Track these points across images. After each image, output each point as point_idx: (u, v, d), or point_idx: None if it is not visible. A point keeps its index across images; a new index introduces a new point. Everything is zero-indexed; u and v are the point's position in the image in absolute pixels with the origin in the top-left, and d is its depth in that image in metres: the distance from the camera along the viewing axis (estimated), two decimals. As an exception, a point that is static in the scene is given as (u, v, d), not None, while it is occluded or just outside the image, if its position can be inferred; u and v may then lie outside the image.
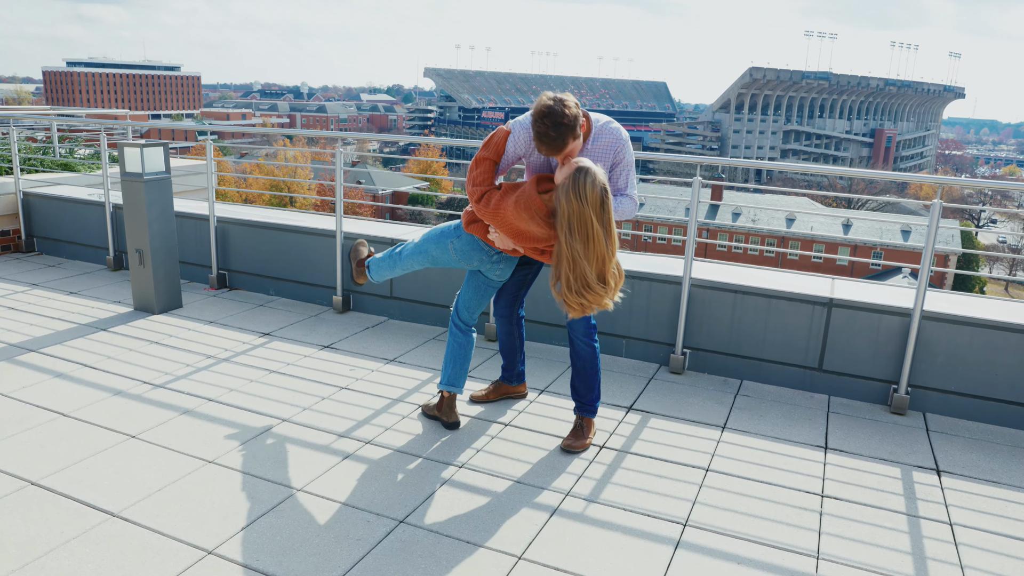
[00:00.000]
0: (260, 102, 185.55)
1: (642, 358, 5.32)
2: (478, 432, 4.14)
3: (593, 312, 3.52)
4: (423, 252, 4.11)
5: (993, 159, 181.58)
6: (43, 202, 7.90)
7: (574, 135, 3.41)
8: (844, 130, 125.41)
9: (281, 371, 4.92)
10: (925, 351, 4.59)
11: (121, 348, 5.25)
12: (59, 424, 4.07)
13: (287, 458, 3.77)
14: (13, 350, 5.14)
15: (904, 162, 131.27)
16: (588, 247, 3.33)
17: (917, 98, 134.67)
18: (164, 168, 5.86)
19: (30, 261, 7.70)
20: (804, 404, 4.69)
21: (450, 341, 4.20)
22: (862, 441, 4.19)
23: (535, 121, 3.40)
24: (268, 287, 6.66)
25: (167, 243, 6.02)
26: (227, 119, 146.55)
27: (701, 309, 5.11)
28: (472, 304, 4.17)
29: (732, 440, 4.15)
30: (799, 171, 5.47)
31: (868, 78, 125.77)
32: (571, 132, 3.39)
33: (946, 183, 4.70)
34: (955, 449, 4.14)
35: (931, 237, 4.46)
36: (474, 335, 4.24)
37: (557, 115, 3.35)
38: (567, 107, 3.38)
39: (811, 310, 4.85)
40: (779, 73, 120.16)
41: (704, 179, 5.02)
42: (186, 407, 4.33)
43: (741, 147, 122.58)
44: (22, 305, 6.16)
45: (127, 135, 8.54)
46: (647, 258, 5.60)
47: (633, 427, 4.27)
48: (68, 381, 4.65)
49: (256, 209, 7.21)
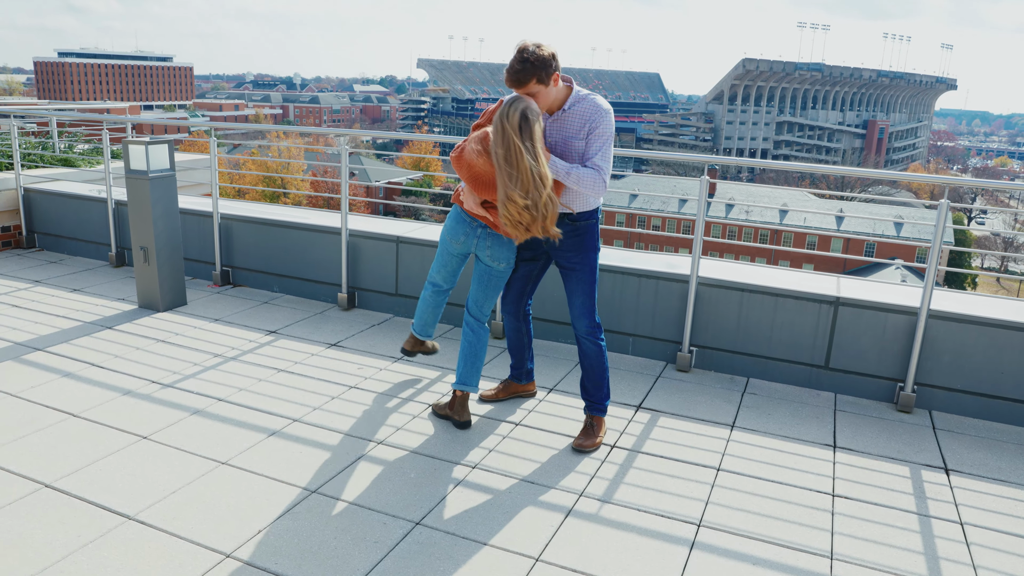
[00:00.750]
0: (253, 93, 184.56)
1: (649, 356, 5.34)
2: (489, 432, 4.15)
3: (538, 235, 3.60)
4: (435, 259, 4.29)
5: (985, 150, 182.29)
6: (44, 198, 7.87)
7: (538, 77, 3.55)
8: (837, 121, 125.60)
9: (289, 370, 4.92)
10: (931, 349, 4.62)
11: (128, 347, 5.24)
12: (70, 425, 4.07)
13: (300, 459, 3.78)
14: (20, 349, 5.12)
15: (896, 153, 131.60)
16: (512, 164, 3.48)
17: (909, 89, 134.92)
18: (169, 165, 5.84)
19: (31, 257, 7.67)
20: (811, 402, 4.72)
21: (462, 338, 4.25)
22: (870, 439, 4.22)
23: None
24: (272, 284, 6.65)
25: (172, 240, 6.01)
26: (220, 110, 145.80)
27: (708, 307, 5.13)
28: (479, 297, 4.19)
29: (742, 439, 4.18)
30: (806, 171, 5.49)
31: (861, 69, 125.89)
32: (535, 72, 3.53)
33: (952, 183, 4.73)
34: (962, 447, 4.18)
35: (938, 237, 4.48)
36: (487, 331, 4.25)
37: (526, 52, 3.54)
38: (539, 48, 3.55)
39: (818, 308, 4.87)
40: (772, 64, 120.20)
41: (699, 168, 5.04)
42: (196, 407, 4.33)
43: (735, 138, 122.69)
44: (26, 303, 6.14)
45: (128, 130, 8.49)
46: (654, 256, 5.62)
47: (643, 426, 4.29)
48: (77, 381, 4.64)
49: (260, 206, 7.19)
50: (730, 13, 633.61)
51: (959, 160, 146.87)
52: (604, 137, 3.69)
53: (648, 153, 5.55)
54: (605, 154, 3.69)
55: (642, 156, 5.50)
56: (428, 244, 5.87)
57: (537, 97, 3.62)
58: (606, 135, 3.69)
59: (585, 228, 3.91)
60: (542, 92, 3.61)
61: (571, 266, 3.97)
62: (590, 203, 3.88)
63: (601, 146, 3.69)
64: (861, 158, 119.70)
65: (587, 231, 3.92)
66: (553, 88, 3.64)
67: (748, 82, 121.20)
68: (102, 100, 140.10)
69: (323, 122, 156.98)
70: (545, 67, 3.54)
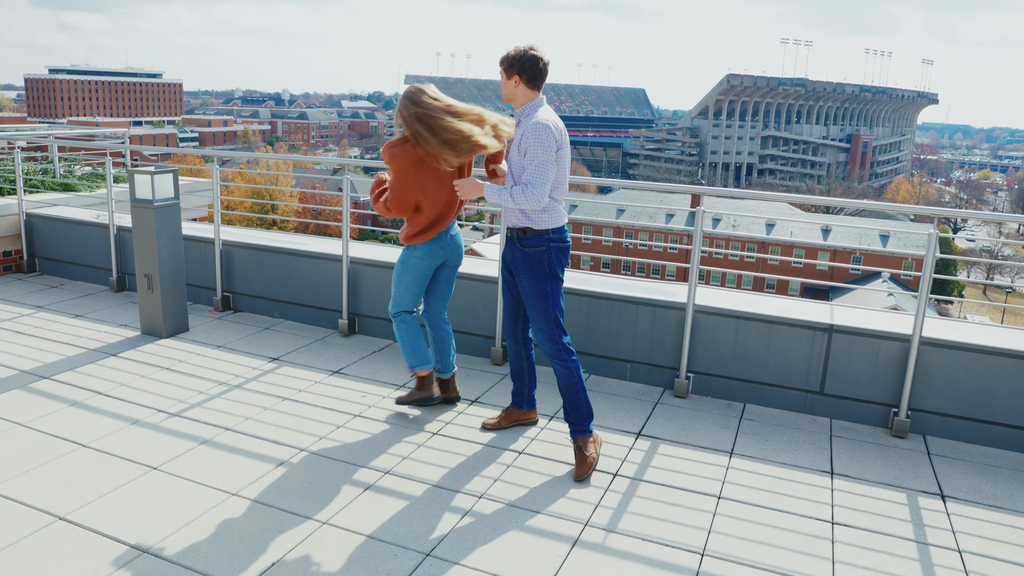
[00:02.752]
0: (242, 108, 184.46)
1: (647, 382, 5.43)
2: (493, 460, 4.23)
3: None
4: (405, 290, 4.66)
5: (968, 163, 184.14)
6: (45, 223, 7.92)
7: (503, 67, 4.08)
8: (821, 136, 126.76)
9: (293, 398, 4.99)
10: (924, 375, 4.74)
11: (133, 374, 5.29)
12: (80, 455, 4.12)
13: (309, 490, 3.84)
14: (26, 377, 5.17)
15: (881, 167, 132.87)
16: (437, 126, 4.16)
17: (892, 104, 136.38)
18: (173, 194, 5.92)
19: (32, 282, 7.70)
20: (807, 428, 4.83)
21: (431, 332, 4.81)
22: (866, 465, 4.33)
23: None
24: (272, 309, 6.72)
25: (175, 268, 6.08)
26: (208, 126, 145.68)
27: (704, 334, 5.24)
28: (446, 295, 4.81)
29: (740, 466, 4.27)
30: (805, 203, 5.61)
31: (843, 84, 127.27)
32: (501, 62, 4.09)
33: (942, 213, 4.87)
34: (957, 473, 4.28)
35: (928, 265, 4.61)
36: (414, 316, 4.71)
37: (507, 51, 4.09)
38: (517, 48, 4.06)
39: (812, 335, 4.98)
40: (756, 80, 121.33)
41: (685, 183, 5.16)
42: (204, 437, 4.39)
43: (720, 152, 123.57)
44: (29, 329, 6.18)
45: (127, 156, 8.55)
46: (651, 284, 5.72)
47: (644, 453, 4.38)
48: (84, 410, 4.69)
49: (261, 232, 7.27)
50: (713, 29, 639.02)
51: (942, 173, 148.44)
52: (536, 160, 3.94)
53: (637, 184, 5.68)
54: (534, 173, 3.95)
55: (631, 187, 5.65)
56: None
57: (502, 85, 4.13)
58: (537, 158, 3.94)
59: (533, 254, 4.12)
60: (503, 82, 4.11)
61: (524, 291, 4.21)
62: (533, 222, 4.09)
63: (533, 169, 3.95)
64: (846, 172, 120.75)
65: (535, 257, 4.12)
66: (510, 84, 4.06)
67: (733, 97, 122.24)
68: (92, 116, 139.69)
69: (311, 138, 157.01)
70: (504, 61, 4.07)
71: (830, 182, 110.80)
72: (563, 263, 4.19)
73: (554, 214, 4.10)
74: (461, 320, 5.86)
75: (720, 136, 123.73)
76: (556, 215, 4.11)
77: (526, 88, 4.05)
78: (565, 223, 4.19)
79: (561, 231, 4.15)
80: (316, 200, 51.70)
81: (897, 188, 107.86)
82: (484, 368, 5.65)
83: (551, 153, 3.94)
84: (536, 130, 3.94)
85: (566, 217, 4.20)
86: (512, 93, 4.09)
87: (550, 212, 4.09)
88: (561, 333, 4.18)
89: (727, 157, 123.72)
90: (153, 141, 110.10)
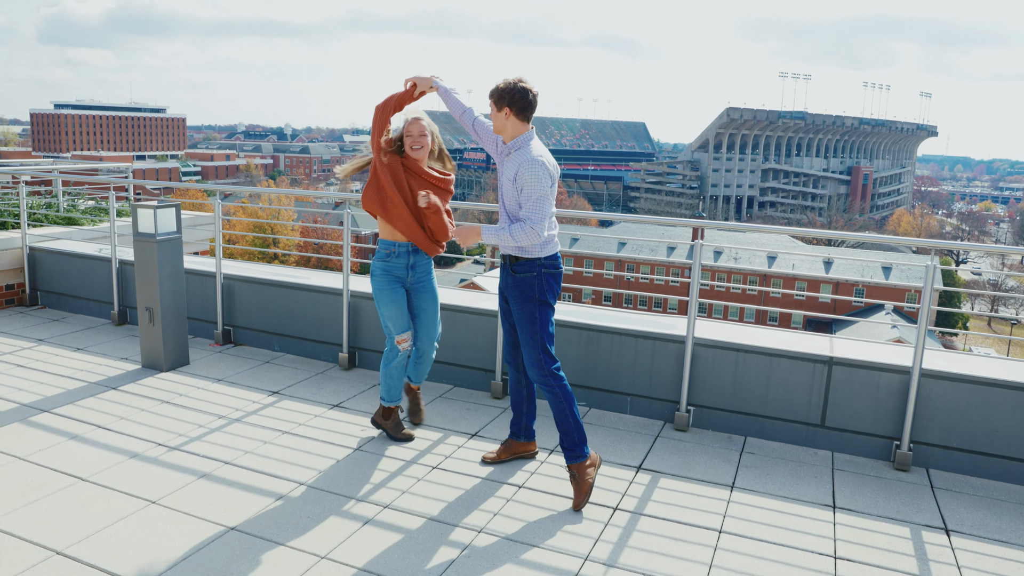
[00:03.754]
0: (244, 143, 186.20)
1: (646, 415, 5.42)
2: (492, 495, 4.21)
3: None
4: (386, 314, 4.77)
5: (968, 195, 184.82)
6: (48, 256, 7.96)
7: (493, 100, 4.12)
8: (821, 168, 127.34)
9: (293, 432, 4.98)
10: (925, 408, 4.73)
11: (133, 408, 5.29)
12: (79, 489, 4.11)
13: (308, 524, 3.82)
14: (26, 410, 5.17)
15: (882, 199, 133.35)
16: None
17: (891, 136, 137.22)
18: (176, 228, 5.96)
19: (34, 315, 7.73)
20: (808, 461, 4.81)
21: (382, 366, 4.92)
22: (869, 499, 4.30)
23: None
24: (273, 343, 6.73)
25: (177, 301, 6.10)
26: (211, 159, 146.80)
27: (704, 367, 5.24)
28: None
29: (742, 500, 4.25)
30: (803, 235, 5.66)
31: (843, 117, 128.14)
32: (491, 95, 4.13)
33: (940, 246, 4.91)
34: (961, 507, 4.25)
35: (927, 297, 4.62)
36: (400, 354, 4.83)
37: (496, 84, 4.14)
38: (506, 80, 4.10)
39: (812, 368, 4.98)
40: (756, 113, 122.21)
41: (686, 216, 5.19)
42: (203, 471, 4.38)
43: (720, 185, 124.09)
44: (30, 362, 6.19)
45: (130, 190, 8.62)
46: (650, 317, 5.73)
47: (644, 487, 4.36)
48: (83, 443, 4.69)
49: (262, 266, 7.30)
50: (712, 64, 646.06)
51: (944, 205, 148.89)
52: (533, 197, 4.01)
53: (638, 217, 5.73)
54: (532, 209, 4.01)
55: (631, 220, 5.69)
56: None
57: (492, 118, 4.19)
58: (534, 195, 4.01)
59: (524, 280, 4.19)
60: (493, 114, 4.16)
61: (515, 316, 4.28)
62: (524, 250, 4.15)
63: (531, 206, 4.01)
64: (847, 204, 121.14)
65: (526, 283, 4.19)
66: (500, 116, 4.11)
67: (733, 130, 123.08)
68: (96, 150, 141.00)
69: (313, 172, 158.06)
70: (494, 94, 4.11)
71: (831, 214, 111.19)
72: (554, 290, 4.25)
73: (548, 243, 4.18)
74: (460, 353, 5.87)
75: (720, 169, 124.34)
76: (549, 244, 4.19)
77: (516, 120, 4.11)
78: (557, 251, 4.26)
79: (553, 258, 4.23)
80: (317, 234, 51.94)
81: (899, 220, 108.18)
82: (484, 402, 5.64)
83: (547, 189, 4.02)
84: (532, 167, 4.01)
85: (558, 246, 4.27)
86: (502, 125, 4.15)
87: (544, 241, 4.15)
88: (549, 360, 4.22)
89: (728, 190, 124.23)
90: (156, 175, 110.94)
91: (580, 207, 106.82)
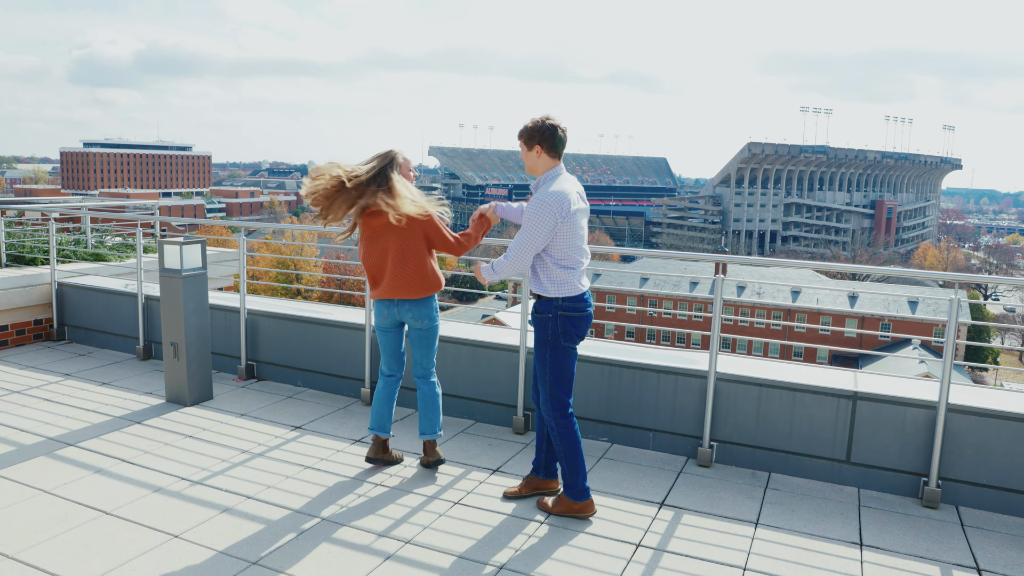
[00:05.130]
0: (268, 180, 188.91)
1: (669, 451, 5.38)
2: (515, 530, 4.18)
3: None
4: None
5: (995, 228, 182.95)
6: (76, 292, 8.10)
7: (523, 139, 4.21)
8: (844, 202, 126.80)
9: (315, 467, 4.99)
10: (953, 443, 4.65)
11: (157, 442, 5.33)
12: (103, 523, 4.13)
13: (330, 560, 3.82)
14: (52, 444, 5.22)
15: (906, 232, 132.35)
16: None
17: (915, 170, 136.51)
18: (201, 264, 6.05)
19: (61, 350, 7.84)
20: (835, 497, 4.73)
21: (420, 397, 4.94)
22: (897, 537, 4.22)
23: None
24: (296, 378, 6.77)
25: (201, 336, 6.17)
26: (236, 196, 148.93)
27: (727, 402, 5.20)
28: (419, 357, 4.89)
29: (766, 537, 4.19)
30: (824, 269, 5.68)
31: (865, 151, 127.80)
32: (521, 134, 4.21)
33: (962, 279, 4.87)
34: (993, 546, 4.16)
35: (951, 331, 4.57)
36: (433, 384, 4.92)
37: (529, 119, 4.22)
38: (534, 119, 4.18)
39: (836, 403, 4.93)
40: (777, 147, 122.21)
41: (708, 251, 5.19)
42: (226, 505, 4.39)
43: (743, 220, 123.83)
44: (56, 396, 6.27)
45: (156, 227, 8.77)
46: (672, 352, 5.72)
47: (667, 524, 4.31)
48: (108, 477, 4.72)
49: (285, 302, 7.38)
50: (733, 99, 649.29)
51: (970, 238, 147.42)
52: (522, 232, 4.16)
53: (659, 252, 5.75)
54: (514, 244, 4.18)
55: (653, 255, 5.71)
56: (451, 341, 5.99)
57: (523, 158, 4.24)
58: (524, 231, 4.15)
59: (540, 320, 4.26)
60: (524, 154, 4.23)
61: (534, 353, 4.35)
62: (544, 289, 4.21)
63: (515, 241, 4.18)
64: (871, 238, 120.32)
65: (541, 323, 4.26)
66: (532, 155, 4.20)
67: (754, 165, 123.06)
68: (124, 188, 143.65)
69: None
70: (523, 133, 4.19)
71: (855, 248, 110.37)
72: (572, 333, 4.25)
73: (565, 284, 4.19)
74: (482, 388, 5.88)
75: (743, 204, 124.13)
76: (568, 285, 4.19)
77: (547, 157, 4.18)
78: (581, 292, 4.24)
79: (574, 300, 4.22)
80: (340, 270, 52.41)
81: (924, 254, 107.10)
82: (505, 437, 5.63)
83: (542, 227, 4.08)
84: (535, 206, 4.10)
85: (584, 287, 4.26)
86: (534, 164, 4.21)
87: (560, 282, 4.18)
88: (557, 403, 4.29)
89: (750, 224, 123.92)
90: (182, 212, 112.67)
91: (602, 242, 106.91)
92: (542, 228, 4.08)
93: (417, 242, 4.58)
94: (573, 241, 4.17)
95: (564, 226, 4.11)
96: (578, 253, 4.22)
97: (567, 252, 4.17)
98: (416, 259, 4.60)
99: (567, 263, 4.18)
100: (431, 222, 4.59)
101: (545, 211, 4.06)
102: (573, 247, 4.18)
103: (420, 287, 4.64)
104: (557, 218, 4.07)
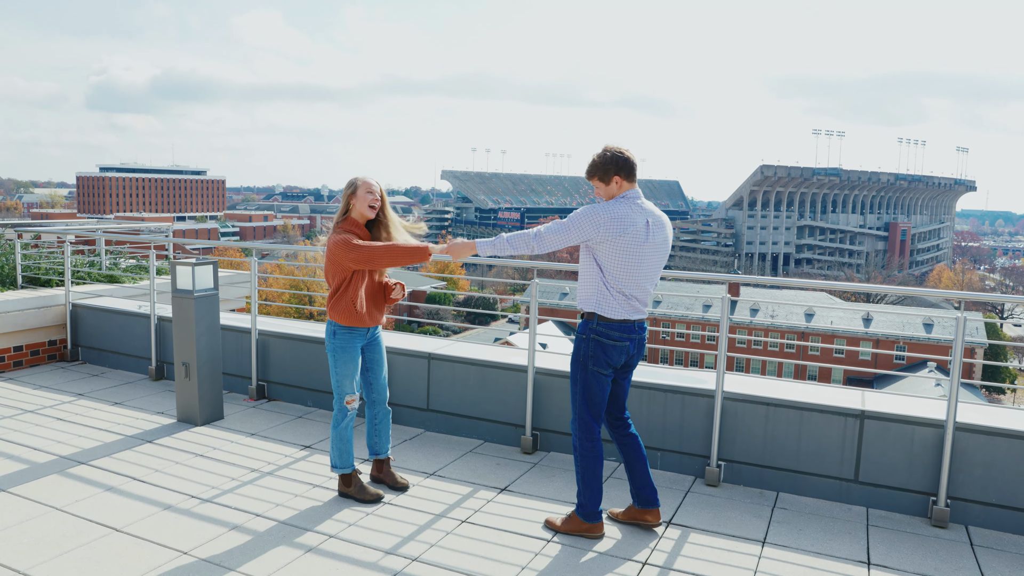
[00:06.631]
0: (282, 204, 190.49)
1: (677, 470, 5.38)
2: (523, 548, 4.19)
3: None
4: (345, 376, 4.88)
5: (1012, 250, 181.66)
6: (90, 313, 8.20)
7: (598, 176, 4.19)
8: (858, 224, 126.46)
9: (324, 485, 5.02)
10: (961, 462, 4.63)
11: (168, 461, 5.38)
12: (113, 540, 4.17)
13: (337, 576, 3.84)
14: (64, 462, 5.28)
15: (921, 254, 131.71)
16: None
17: (928, 192, 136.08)
18: (213, 285, 6.13)
19: (74, 370, 7.93)
20: (842, 517, 4.72)
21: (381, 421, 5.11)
22: (905, 557, 4.20)
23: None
24: (306, 398, 6.81)
25: (212, 357, 6.23)
26: (249, 220, 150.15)
27: (734, 421, 5.20)
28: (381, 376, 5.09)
29: (773, 555, 4.18)
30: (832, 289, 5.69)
31: (878, 173, 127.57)
32: (591, 169, 4.22)
33: (968, 298, 4.89)
34: (1003, 566, 4.13)
35: (957, 350, 4.57)
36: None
37: (598, 152, 4.23)
38: (606, 151, 4.18)
39: (843, 422, 4.92)
40: (790, 170, 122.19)
41: (719, 272, 5.21)
42: (235, 522, 4.42)
43: (756, 243, 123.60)
44: (69, 415, 6.34)
45: (170, 249, 8.88)
46: (680, 372, 5.73)
47: (674, 542, 4.31)
48: (119, 495, 4.77)
49: (296, 322, 7.44)
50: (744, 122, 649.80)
51: (985, 260, 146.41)
52: (556, 222, 4.17)
53: (671, 274, 5.76)
54: (548, 227, 4.18)
55: (666, 276, 5.74)
56: (459, 360, 6.03)
57: (600, 195, 4.23)
58: (557, 222, 4.15)
59: (577, 338, 4.29)
60: (602, 190, 4.21)
61: (570, 373, 4.39)
62: (585, 302, 4.21)
63: (551, 225, 4.18)
64: (885, 260, 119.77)
65: (576, 342, 4.29)
66: (612, 187, 4.18)
67: (767, 187, 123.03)
68: (139, 211, 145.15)
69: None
70: (597, 170, 4.18)
71: (869, 270, 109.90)
72: (600, 358, 4.21)
73: (607, 305, 4.14)
74: (490, 408, 5.91)
75: (756, 226, 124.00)
76: (609, 308, 4.14)
77: (627, 184, 4.18)
78: (621, 320, 4.16)
79: (610, 326, 4.16)
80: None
81: (939, 276, 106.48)
82: (514, 457, 5.64)
83: (573, 227, 4.08)
84: (582, 211, 4.11)
85: (625, 317, 4.16)
86: (613, 194, 4.19)
87: (604, 302, 4.15)
88: (583, 425, 4.31)
89: (763, 247, 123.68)
90: (195, 235, 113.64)
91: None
92: (573, 228, 4.08)
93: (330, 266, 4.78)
94: (627, 267, 4.08)
95: (612, 244, 4.06)
96: (630, 281, 4.11)
97: (617, 274, 4.09)
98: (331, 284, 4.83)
99: (617, 286, 4.11)
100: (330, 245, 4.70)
101: (587, 219, 4.05)
102: (627, 271, 4.09)
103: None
104: (599, 227, 4.04)
